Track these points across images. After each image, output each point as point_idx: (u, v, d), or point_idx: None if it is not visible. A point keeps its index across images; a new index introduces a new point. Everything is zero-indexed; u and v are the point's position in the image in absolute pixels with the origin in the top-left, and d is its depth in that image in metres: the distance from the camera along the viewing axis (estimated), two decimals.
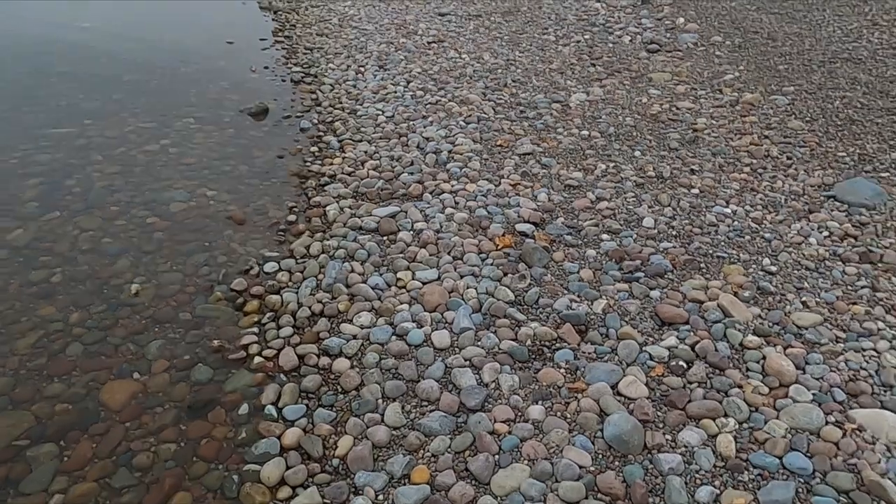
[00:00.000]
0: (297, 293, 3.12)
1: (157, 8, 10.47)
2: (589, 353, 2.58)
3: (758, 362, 2.48)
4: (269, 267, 3.37)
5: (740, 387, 2.37)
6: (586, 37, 7.15)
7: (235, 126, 5.35)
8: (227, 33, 8.49)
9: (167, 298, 3.13)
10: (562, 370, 2.51)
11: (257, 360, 2.72)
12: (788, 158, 4.11)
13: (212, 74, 6.73)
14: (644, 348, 2.57)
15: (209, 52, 7.61)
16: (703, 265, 3.10)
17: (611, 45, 6.81)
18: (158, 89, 6.15)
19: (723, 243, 3.27)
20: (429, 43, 7.37)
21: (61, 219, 3.79)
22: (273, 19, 9.48)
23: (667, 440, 2.17)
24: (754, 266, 3.07)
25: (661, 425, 2.24)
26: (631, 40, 6.88)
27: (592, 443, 2.18)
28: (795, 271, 3.04)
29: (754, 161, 4.12)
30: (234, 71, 6.91)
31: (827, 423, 2.20)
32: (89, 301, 3.09)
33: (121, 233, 3.69)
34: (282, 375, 2.63)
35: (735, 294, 2.85)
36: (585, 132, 4.68)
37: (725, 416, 2.25)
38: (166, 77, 6.54)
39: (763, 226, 3.42)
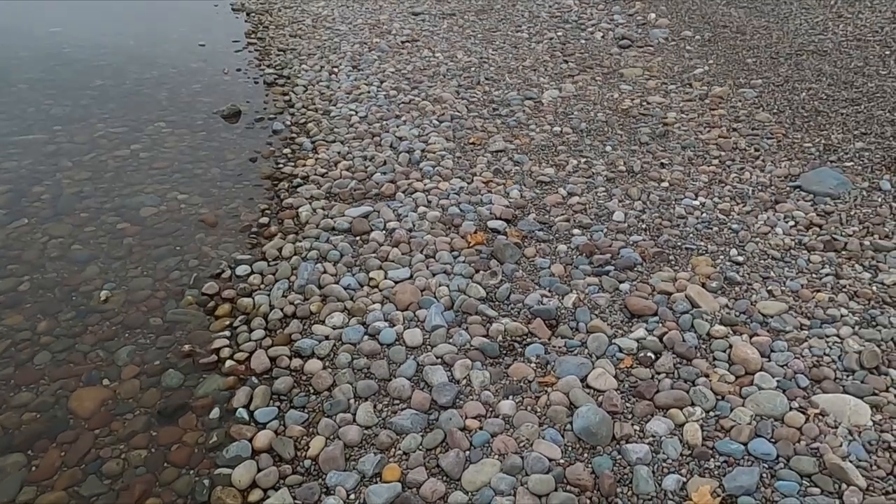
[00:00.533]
0: (269, 295, 3.11)
1: (128, 11, 10.35)
2: (559, 348, 2.61)
3: (724, 351, 2.52)
4: (241, 270, 3.36)
5: (707, 376, 2.40)
6: (559, 34, 7.19)
7: (207, 129, 5.31)
8: (200, 36, 8.43)
9: (137, 304, 3.11)
10: (532, 364, 2.53)
11: (229, 363, 2.71)
12: (756, 150, 4.17)
13: (184, 77, 6.67)
14: (613, 341, 2.60)
15: (181, 55, 7.55)
16: (671, 257, 3.13)
17: (583, 41, 6.85)
18: (129, 93, 6.09)
19: (691, 235, 3.31)
20: (402, 42, 7.37)
21: (29, 226, 3.75)
22: (246, 21, 9.42)
23: (635, 430, 2.20)
24: (722, 257, 3.11)
25: (629, 416, 2.27)
26: (603, 36, 6.93)
27: (562, 436, 2.20)
28: (762, 261, 3.08)
29: (723, 153, 4.17)
30: (206, 73, 6.86)
31: (791, 409, 2.23)
32: (58, 309, 3.06)
33: (90, 239, 3.65)
34: (253, 378, 2.62)
35: (703, 285, 2.89)
36: (557, 128, 4.71)
37: (692, 405, 2.28)
38: (137, 81, 6.48)
39: (731, 217, 3.46)
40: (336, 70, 6.63)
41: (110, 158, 4.67)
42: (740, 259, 3.08)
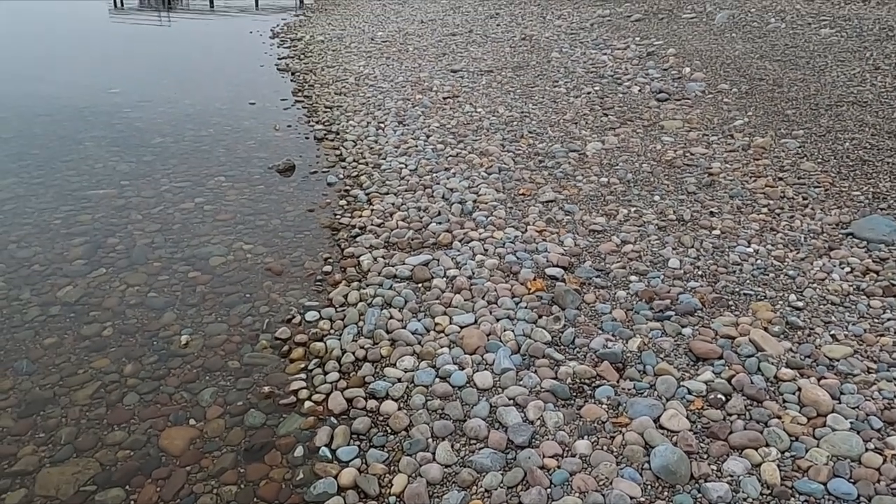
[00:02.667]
0: (339, 340, 3.24)
1: (181, 73, 10.92)
2: (629, 390, 2.67)
3: (793, 393, 2.56)
4: (311, 315, 3.50)
5: (779, 417, 2.45)
6: (596, 88, 7.42)
7: (265, 182, 5.57)
8: (249, 94, 8.86)
9: (215, 348, 3.26)
10: (604, 406, 2.60)
11: (307, 404, 2.82)
12: (804, 199, 4.26)
13: (238, 134, 7.01)
14: (682, 383, 2.66)
15: (234, 113, 7.94)
16: (731, 303, 3.20)
17: (621, 95, 7.06)
18: (189, 150, 6.41)
19: (748, 281, 3.38)
20: (444, 98, 7.67)
21: (108, 275, 3.96)
22: (291, 80, 9.88)
23: (712, 470, 2.24)
24: (781, 302, 3.17)
25: (705, 456, 2.31)
26: (640, 90, 7.14)
27: (640, 474, 2.25)
28: (822, 306, 3.14)
29: (771, 202, 4.26)
30: (259, 130, 7.20)
31: (867, 449, 2.26)
32: (141, 353, 3.22)
33: (165, 287, 3.84)
34: (332, 418, 2.72)
35: (765, 329, 2.95)
36: (604, 179, 4.86)
37: (767, 445, 2.32)
38: (195, 138, 6.82)
39: (786, 263, 3.53)
40: (383, 125, 6.91)
41: (177, 211, 4.92)
42: (800, 304, 3.14)
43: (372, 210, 4.80)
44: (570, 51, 9.48)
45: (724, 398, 2.56)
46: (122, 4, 26.55)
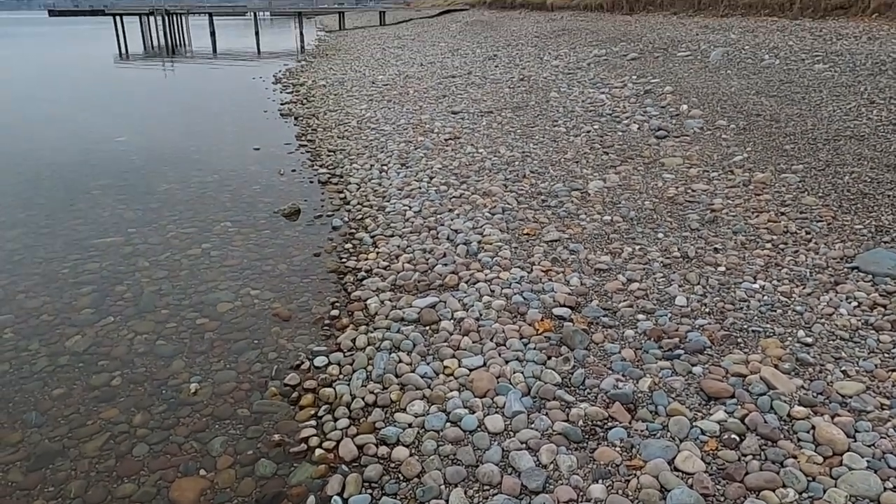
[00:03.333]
0: (349, 385, 3.23)
1: (186, 119, 11.11)
2: (641, 431, 2.66)
3: (808, 432, 2.54)
4: (319, 361, 3.50)
5: (795, 457, 2.42)
6: (595, 126, 7.52)
7: (271, 227, 5.62)
8: (254, 140, 9.00)
9: (224, 396, 3.25)
10: (617, 448, 2.58)
11: (318, 452, 2.80)
12: (807, 233, 4.28)
13: (243, 179, 7.10)
14: (694, 423, 2.64)
15: (239, 158, 8.05)
16: (740, 340, 3.20)
17: (620, 133, 7.16)
18: (195, 196, 6.49)
19: (756, 318, 3.38)
20: (446, 140, 7.77)
21: (116, 323, 3.97)
22: (295, 125, 10.05)
23: None
24: (790, 338, 3.17)
25: (722, 498, 2.29)
26: (639, 128, 7.23)
27: None
28: (831, 342, 3.13)
29: (775, 237, 4.28)
30: (263, 175, 7.29)
31: (885, 489, 2.24)
32: (150, 402, 3.21)
33: (173, 335, 3.85)
34: (343, 466, 2.70)
35: (776, 366, 2.94)
36: (608, 217, 4.89)
37: (784, 486, 2.30)
38: (201, 184, 6.91)
39: (793, 299, 3.54)
40: (386, 168, 6.99)
41: (184, 258, 4.96)
42: (809, 340, 3.14)
43: (378, 253, 4.83)
44: (568, 90, 9.64)
45: (738, 438, 2.54)
46: (128, 53, 27.13)
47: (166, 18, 36.22)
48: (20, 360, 3.57)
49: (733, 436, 2.55)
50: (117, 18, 33.08)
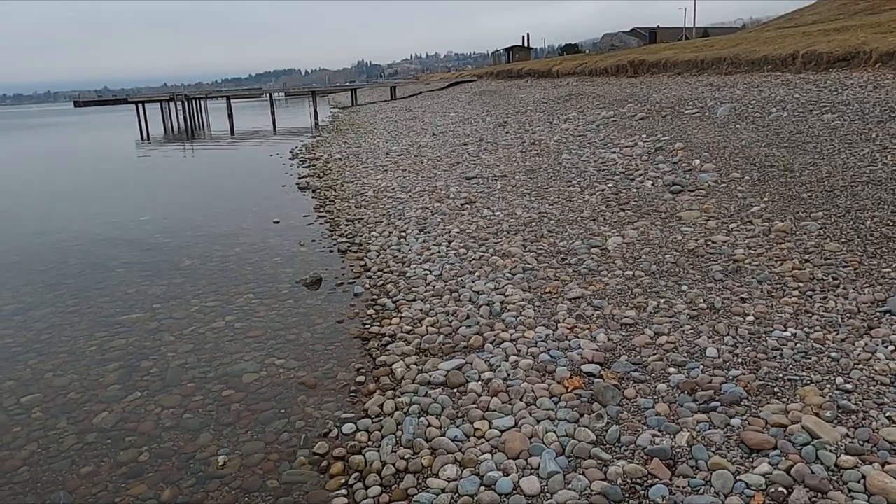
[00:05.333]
0: (378, 451, 3.17)
1: (207, 197, 11.38)
2: (683, 487, 2.57)
3: (858, 482, 2.44)
4: (347, 428, 3.45)
5: None
6: (609, 185, 7.59)
7: (293, 297, 5.65)
8: (273, 213, 9.17)
9: (253, 467, 3.21)
10: None
11: None
12: (834, 279, 4.23)
13: (264, 252, 7.20)
14: (738, 477, 2.55)
15: (259, 232, 8.18)
16: (776, 389, 3.12)
17: (635, 190, 7.21)
18: (217, 270, 6.57)
19: (791, 366, 3.31)
20: (462, 204, 7.87)
21: (143, 399, 3.96)
22: (313, 197, 10.24)
23: None
24: (829, 386, 3.09)
25: None
26: (653, 184, 7.29)
27: None
28: (871, 387, 3.04)
29: (801, 284, 4.23)
30: (284, 246, 7.39)
31: None
32: (178, 477, 3.17)
33: (199, 407, 3.83)
34: None
35: (816, 415, 2.85)
36: (629, 272, 4.88)
37: None
38: (223, 258, 7.01)
39: (827, 346, 3.46)
40: (404, 234, 7.07)
41: (208, 331, 4.98)
42: (848, 387, 3.05)
43: (401, 317, 4.83)
44: (579, 151, 9.79)
45: (785, 491, 2.44)
46: (149, 136, 28.10)
47: (186, 104, 37.63)
48: (48, 440, 3.56)
49: (780, 489, 2.45)
50: (139, 106, 34.43)
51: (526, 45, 61.10)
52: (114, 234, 8.45)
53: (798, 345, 3.51)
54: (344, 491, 2.95)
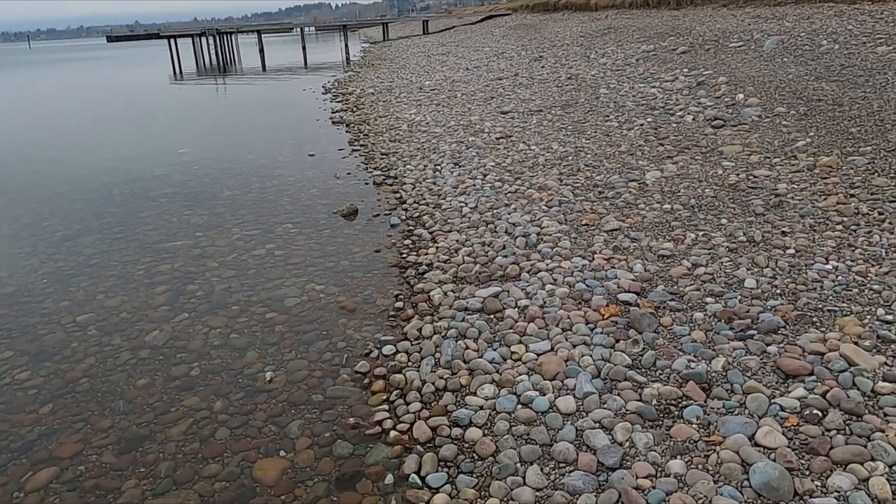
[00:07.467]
0: (418, 371, 3.29)
1: (243, 131, 11.45)
2: (718, 409, 2.62)
3: (894, 406, 2.47)
4: (387, 349, 3.57)
5: (882, 431, 2.35)
6: (648, 120, 7.44)
7: (331, 227, 5.75)
8: (308, 147, 9.22)
9: (298, 383, 3.35)
10: (694, 426, 2.55)
11: (392, 434, 2.86)
12: (880, 214, 4.15)
13: (301, 183, 7.28)
14: (773, 400, 2.59)
15: (295, 165, 8.25)
16: (815, 319, 3.12)
17: (675, 125, 7.06)
18: (256, 200, 6.68)
19: (831, 297, 3.29)
20: (497, 139, 7.80)
21: (190, 319, 4.13)
22: (347, 131, 10.24)
23: (817, 486, 2.17)
24: (869, 317, 3.08)
25: (807, 472, 2.24)
26: (693, 119, 7.12)
27: (741, 492, 2.19)
28: None
29: (845, 219, 4.16)
30: (320, 179, 7.46)
31: None
32: (228, 390, 3.33)
33: (245, 328, 3.98)
34: (418, 447, 2.75)
35: (855, 343, 2.86)
36: (667, 206, 4.84)
37: (873, 459, 2.23)
38: (261, 189, 7.11)
39: (869, 279, 3.43)
40: (439, 167, 7.06)
41: (250, 258, 5.12)
42: (889, 318, 3.04)
43: (437, 247, 4.89)
44: (617, 86, 9.56)
45: (820, 414, 2.48)
46: (182, 72, 28.10)
47: (217, 38, 37.37)
48: (104, 354, 3.74)
49: (815, 411, 2.49)
50: (171, 41, 34.31)
51: None
52: (154, 165, 8.60)
53: (839, 277, 3.48)
54: (385, 406, 3.08)
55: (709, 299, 3.47)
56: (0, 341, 3.94)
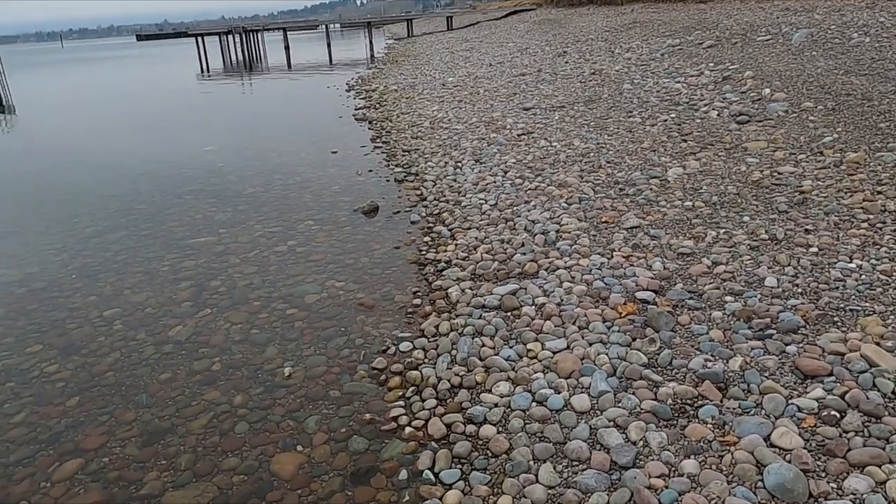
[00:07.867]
0: (434, 368, 3.31)
1: (267, 128, 11.57)
2: (733, 409, 2.60)
3: None
4: (404, 346, 3.59)
5: None
6: (672, 115, 7.36)
7: (351, 224, 5.80)
8: (331, 144, 9.28)
9: (316, 379, 3.40)
10: (709, 425, 2.53)
11: (407, 430, 2.89)
12: None
13: (323, 181, 7.34)
14: (790, 401, 2.56)
15: (318, 162, 8.33)
16: (836, 319, 3.08)
17: (698, 120, 6.97)
18: (278, 197, 6.76)
19: (854, 297, 3.24)
20: (518, 135, 7.78)
21: (213, 315, 4.20)
22: (369, 128, 10.29)
23: (832, 488, 2.15)
24: (892, 317, 3.02)
25: (822, 474, 2.22)
26: (718, 114, 7.03)
27: (754, 493, 2.18)
28: None
29: (871, 217, 4.08)
30: (342, 176, 7.52)
31: None
32: (248, 385, 3.38)
33: (265, 324, 4.04)
34: (432, 443, 2.78)
35: (877, 344, 2.81)
36: (689, 203, 4.79)
37: (891, 462, 2.20)
38: (283, 186, 7.19)
39: (894, 278, 3.37)
40: (460, 164, 7.07)
41: (271, 254, 5.19)
42: None
43: (456, 245, 4.91)
44: (641, 81, 9.46)
45: (838, 415, 2.45)
46: (209, 69, 28.47)
47: (244, 36, 37.78)
48: (129, 349, 3.83)
49: (833, 412, 2.46)
50: (199, 39, 34.77)
51: None
52: (180, 162, 8.74)
53: (863, 276, 3.42)
54: (401, 402, 3.11)
55: (728, 298, 3.44)
56: (30, 335, 4.06)
